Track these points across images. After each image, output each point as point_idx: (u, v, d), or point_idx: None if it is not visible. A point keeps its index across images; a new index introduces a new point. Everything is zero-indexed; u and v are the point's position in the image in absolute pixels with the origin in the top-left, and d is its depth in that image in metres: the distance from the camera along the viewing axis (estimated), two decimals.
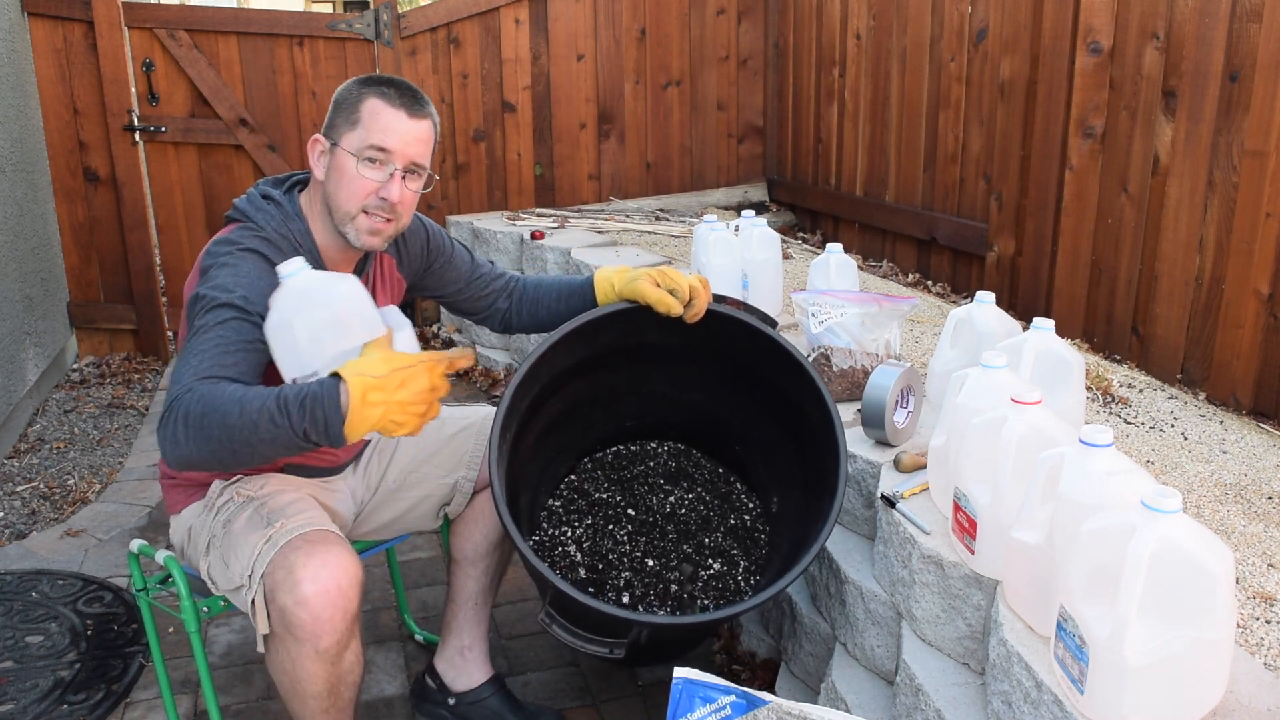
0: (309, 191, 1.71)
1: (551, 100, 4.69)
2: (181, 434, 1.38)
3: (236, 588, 1.59)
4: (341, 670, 1.57)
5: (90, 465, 3.37)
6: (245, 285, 1.53)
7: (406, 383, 1.37)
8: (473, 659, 2.02)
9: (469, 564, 1.98)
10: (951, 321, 1.95)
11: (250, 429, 1.35)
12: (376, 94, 1.63)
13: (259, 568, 1.54)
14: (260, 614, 1.54)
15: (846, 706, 1.69)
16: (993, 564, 1.42)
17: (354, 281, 1.53)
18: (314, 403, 1.34)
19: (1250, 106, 2.28)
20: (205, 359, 1.45)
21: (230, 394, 1.39)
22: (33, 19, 4.06)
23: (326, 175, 1.65)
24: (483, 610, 2.02)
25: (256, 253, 1.58)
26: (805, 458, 1.88)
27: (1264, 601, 1.40)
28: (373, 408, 1.35)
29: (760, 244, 2.65)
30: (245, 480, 1.73)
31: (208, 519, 1.71)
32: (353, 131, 1.62)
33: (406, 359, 1.39)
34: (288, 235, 1.64)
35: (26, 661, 2.26)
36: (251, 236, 1.61)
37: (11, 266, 3.63)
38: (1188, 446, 1.97)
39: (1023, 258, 3.16)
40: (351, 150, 1.61)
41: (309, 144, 1.67)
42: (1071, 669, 1.12)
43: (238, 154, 4.39)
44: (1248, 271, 2.31)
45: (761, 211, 4.84)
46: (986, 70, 3.30)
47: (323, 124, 1.67)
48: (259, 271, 1.55)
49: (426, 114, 1.65)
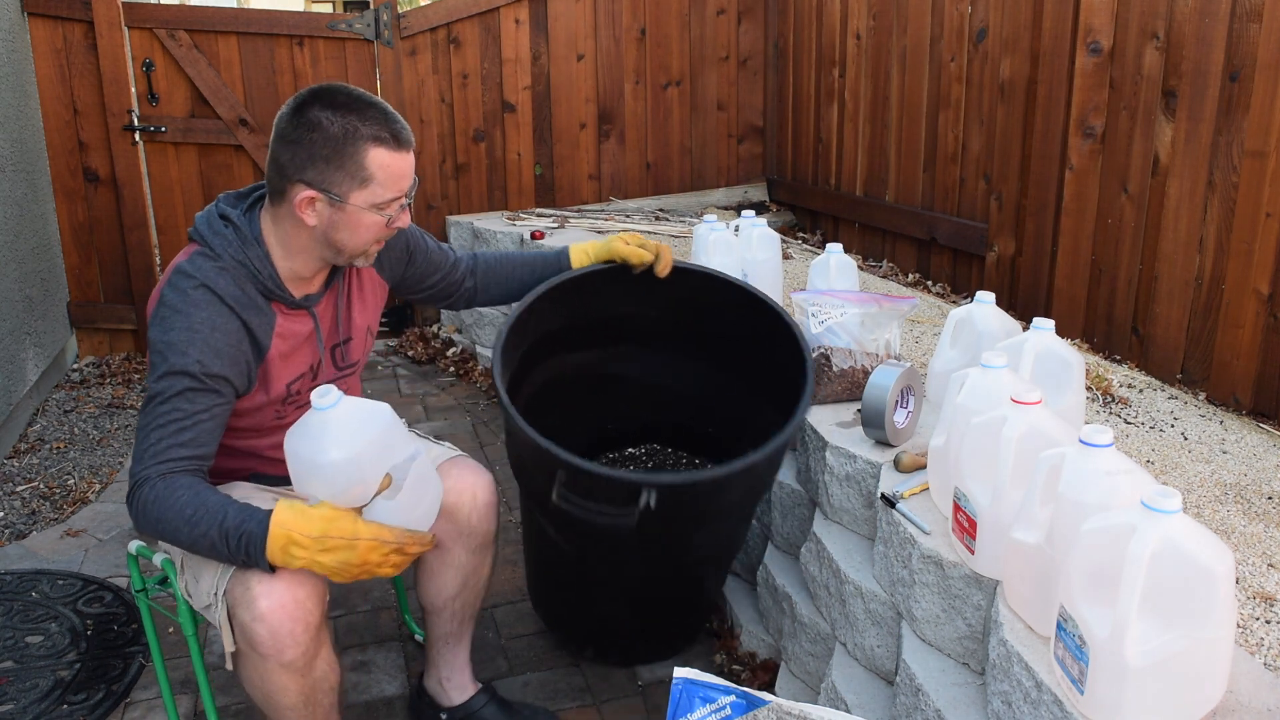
0: (272, 223, 1.64)
1: (551, 100, 4.69)
2: (141, 521, 1.52)
3: (206, 606, 1.59)
4: (315, 679, 1.57)
5: (90, 465, 3.37)
6: (200, 343, 1.53)
7: (332, 550, 1.45)
8: (454, 685, 2.00)
9: (436, 612, 1.95)
10: (951, 321, 1.95)
11: (194, 545, 1.49)
12: (375, 142, 1.56)
13: (221, 585, 1.53)
14: (226, 632, 1.54)
15: (846, 706, 1.69)
16: (993, 564, 1.42)
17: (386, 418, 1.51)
18: (247, 541, 1.45)
19: (1250, 106, 2.28)
20: (164, 436, 1.52)
21: (180, 509, 1.48)
22: (33, 19, 4.06)
23: (329, 225, 1.60)
24: (458, 645, 2.00)
25: (210, 292, 1.56)
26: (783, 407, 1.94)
27: (1264, 601, 1.40)
28: (293, 559, 1.46)
29: (760, 244, 2.65)
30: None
31: None
32: (363, 190, 1.57)
33: (346, 529, 1.45)
34: (245, 262, 1.60)
35: (26, 661, 2.26)
36: (208, 267, 1.57)
37: (11, 266, 3.63)
38: (1188, 446, 1.96)
39: (1023, 258, 3.16)
40: (366, 206, 1.58)
41: (298, 200, 1.56)
42: (1071, 669, 1.12)
43: (238, 154, 4.39)
44: (1248, 271, 2.31)
45: (761, 211, 4.84)
46: (986, 70, 3.30)
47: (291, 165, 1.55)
48: (213, 321, 1.55)
49: (412, 141, 1.63)
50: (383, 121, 1.57)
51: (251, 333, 1.61)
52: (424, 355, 4.41)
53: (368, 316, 1.86)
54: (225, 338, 1.56)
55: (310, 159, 1.55)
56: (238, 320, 1.59)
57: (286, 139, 1.57)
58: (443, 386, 4.08)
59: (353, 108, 1.56)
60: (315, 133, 1.54)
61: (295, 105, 1.57)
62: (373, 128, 1.56)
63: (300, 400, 1.73)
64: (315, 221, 1.59)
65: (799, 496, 2.15)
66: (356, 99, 1.57)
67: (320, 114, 1.54)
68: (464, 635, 2.00)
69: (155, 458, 1.51)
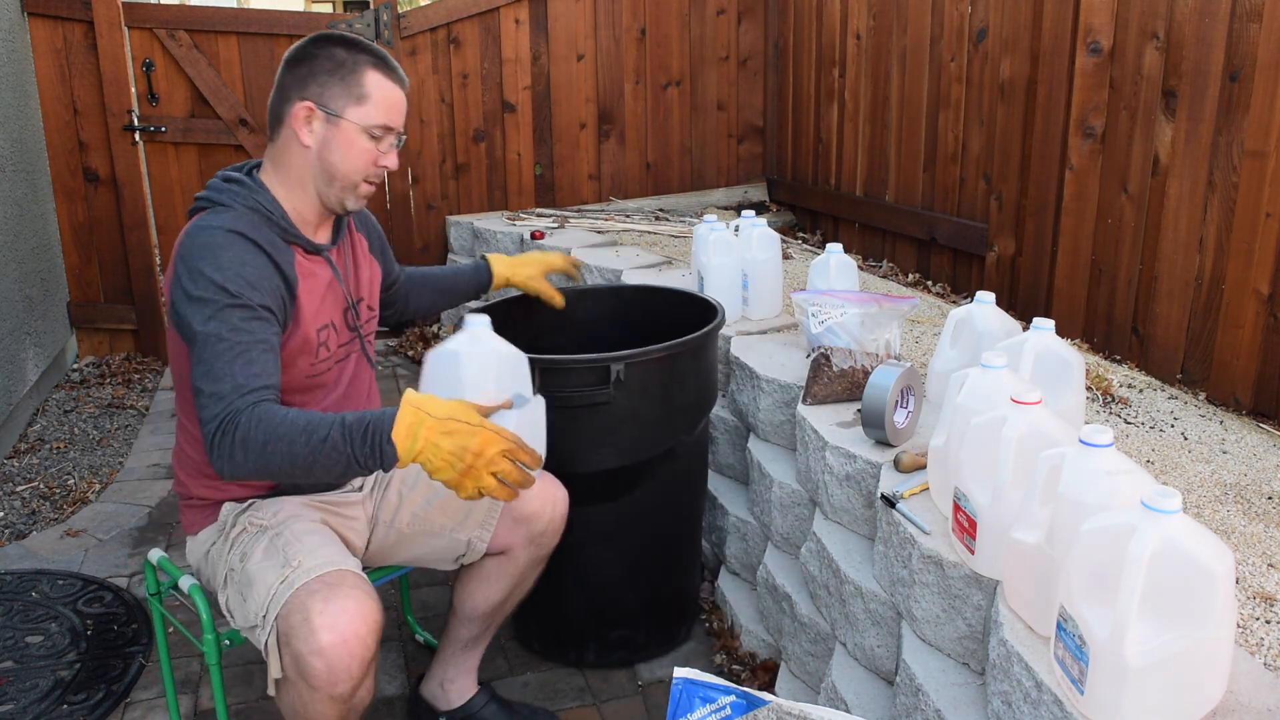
0: (271, 167, 1.70)
1: (551, 100, 4.69)
2: (240, 455, 1.44)
3: (252, 626, 1.56)
4: (354, 704, 1.52)
5: (90, 465, 3.37)
6: (235, 277, 1.52)
7: (453, 433, 1.43)
8: (456, 689, 2.00)
9: (466, 619, 1.94)
10: (951, 321, 1.95)
11: (314, 456, 1.44)
12: (375, 66, 1.65)
13: (274, 609, 1.49)
14: (274, 657, 1.50)
15: (846, 706, 1.69)
16: (993, 564, 1.42)
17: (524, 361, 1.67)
18: (374, 428, 1.43)
19: (1250, 106, 2.28)
20: (238, 368, 1.48)
21: (294, 422, 1.45)
22: (33, 19, 4.06)
23: (323, 144, 1.65)
24: (474, 651, 2.00)
25: (235, 233, 1.57)
26: None
27: (1264, 601, 1.40)
28: (417, 439, 1.43)
29: (760, 244, 2.65)
30: (259, 506, 1.70)
31: (224, 550, 1.67)
32: (359, 107, 1.64)
33: (472, 416, 1.46)
34: (256, 207, 1.63)
35: (26, 661, 2.26)
36: (225, 215, 1.60)
37: (11, 266, 3.63)
38: (1188, 446, 1.96)
39: (1023, 258, 3.16)
40: (360, 125, 1.64)
41: (294, 111, 1.63)
42: (1071, 669, 1.12)
43: (238, 154, 4.39)
44: (1248, 271, 2.31)
45: (761, 211, 4.84)
46: (986, 70, 3.30)
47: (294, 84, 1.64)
48: (242, 257, 1.55)
49: (407, 82, 1.72)
50: (382, 56, 1.68)
51: (278, 266, 1.61)
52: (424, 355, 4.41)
53: (371, 287, 1.89)
54: (257, 271, 1.56)
55: (312, 76, 1.63)
56: (264, 255, 1.58)
57: (292, 63, 1.66)
58: None
59: (355, 41, 1.67)
60: (320, 55, 1.64)
61: (308, 40, 1.67)
62: (371, 56, 1.66)
63: (326, 356, 1.72)
64: (310, 141, 1.64)
65: (799, 496, 2.15)
66: (363, 41, 1.68)
67: (325, 42, 1.66)
68: (484, 642, 2.01)
69: (237, 391, 1.46)
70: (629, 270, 3.38)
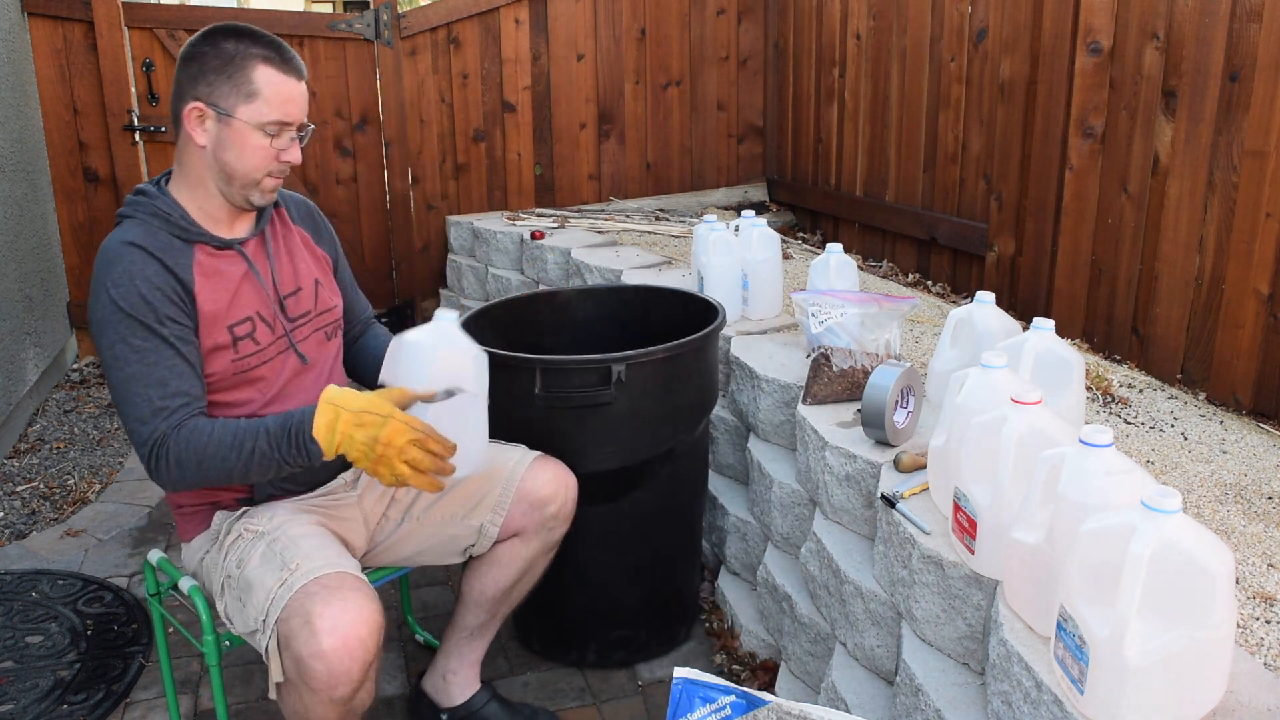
0: (176, 169, 1.68)
1: (551, 100, 4.69)
2: (178, 474, 1.53)
3: (252, 631, 1.56)
4: (353, 706, 1.53)
5: (90, 465, 3.37)
6: (134, 291, 1.54)
7: (365, 425, 1.49)
8: (457, 682, 2.00)
9: (474, 604, 1.95)
10: (951, 321, 1.95)
11: (247, 466, 1.53)
12: (264, 60, 1.60)
13: (274, 613, 1.49)
14: (275, 661, 1.49)
15: (846, 706, 1.69)
16: (993, 564, 1.42)
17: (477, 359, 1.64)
18: (296, 430, 1.51)
19: (1250, 106, 2.28)
20: (153, 392, 1.53)
21: (221, 439, 1.53)
22: (33, 19, 4.06)
23: (216, 144, 1.62)
24: (479, 640, 2.00)
25: (128, 244, 1.57)
26: None
27: (1264, 601, 1.40)
28: (335, 433, 1.50)
29: (760, 244, 2.65)
30: (253, 514, 1.69)
31: (219, 558, 1.67)
32: (249, 104, 1.60)
33: (383, 408, 1.50)
34: (155, 212, 1.62)
35: (26, 661, 2.26)
36: (125, 227, 1.61)
37: (11, 266, 3.63)
38: (1188, 446, 1.96)
39: (1023, 258, 3.16)
40: (252, 123, 1.60)
41: (185, 112, 1.60)
42: (1071, 669, 1.12)
43: None
44: (1248, 271, 2.31)
45: (761, 211, 4.83)
46: (986, 70, 3.30)
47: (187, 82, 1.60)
48: (130, 270, 1.55)
49: (303, 72, 1.67)
50: (274, 46, 1.62)
51: (170, 270, 1.59)
52: None
53: (315, 271, 1.82)
54: (148, 280, 1.56)
55: (202, 73, 1.59)
56: (155, 261, 1.58)
57: (184, 60, 1.61)
58: None
59: (248, 35, 1.61)
60: (209, 52, 1.60)
61: (199, 35, 1.62)
62: (262, 49, 1.61)
63: (254, 350, 1.67)
64: (205, 141, 1.62)
65: (799, 496, 2.15)
66: (255, 31, 1.63)
67: (215, 37, 1.61)
68: (490, 632, 2.00)
69: (157, 415, 1.52)
70: (629, 270, 3.38)
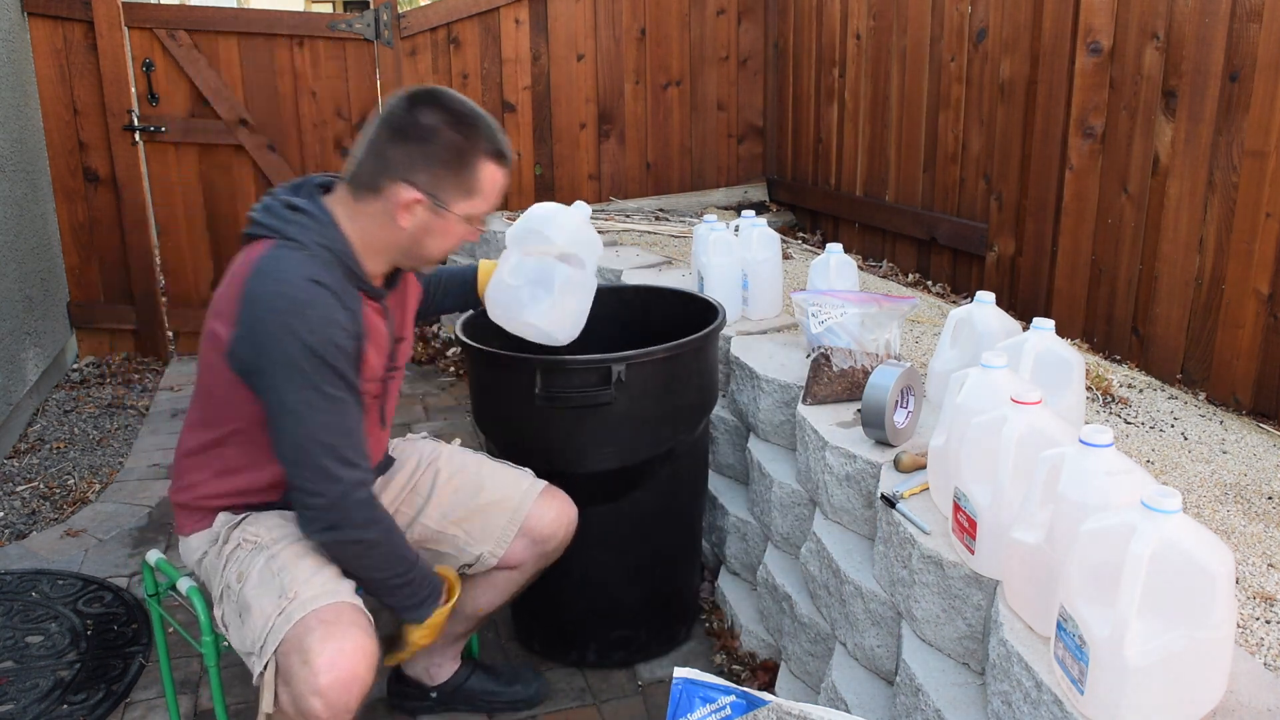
0: (345, 213, 1.59)
1: (551, 100, 4.69)
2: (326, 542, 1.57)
3: (247, 653, 1.55)
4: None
5: (90, 465, 3.37)
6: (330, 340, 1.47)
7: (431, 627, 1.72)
8: (440, 666, 2.05)
9: (463, 617, 1.96)
10: (951, 321, 1.95)
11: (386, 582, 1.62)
12: (489, 156, 1.57)
13: (270, 643, 1.48)
14: (268, 692, 1.49)
15: (846, 706, 1.69)
16: (993, 564, 1.42)
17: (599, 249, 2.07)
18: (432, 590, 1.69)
19: (1250, 106, 2.28)
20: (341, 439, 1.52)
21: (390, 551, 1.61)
22: (33, 19, 4.06)
23: (422, 230, 1.58)
24: (460, 643, 2.06)
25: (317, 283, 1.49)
26: None
27: (1264, 601, 1.40)
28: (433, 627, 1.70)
29: (760, 244, 2.65)
30: (254, 521, 1.66)
31: (218, 564, 1.65)
32: (468, 200, 1.58)
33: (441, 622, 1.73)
34: (329, 245, 1.54)
35: (26, 661, 2.26)
36: (299, 257, 1.51)
37: (11, 266, 3.63)
38: (1188, 446, 1.96)
39: (1023, 258, 3.16)
40: (463, 215, 1.59)
41: (399, 196, 1.53)
42: (1071, 669, 1.12)
43: (238, 154, 4.39)
44: (1248, 271, 2.31)
45: (761, 211, 4.83)
46: (986, 70, 3.30)
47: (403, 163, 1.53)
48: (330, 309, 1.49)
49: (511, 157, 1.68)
50: (496, 138, 1.59)
51: (355, 320, 1.55)
52: (424, 355, 4.42)
53: (410, 320, 1.86)
54: (342, 330, 1.50)
55: (425, 162, 1.54)
56: (343, 309, 1.52)
57: (403, 136, 1.54)
58: (443, 387, 4.08)
59: (470, 119, 1.56)
60: (435, 138, 1.53)
61: (410, 103, 1.55)
62: (489, 143, 1.57)
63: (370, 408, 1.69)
64: (410, 225, 1.57)
65: (799, 496, 2.15)
66: (473, 110, 1.58)
67: (439, 119, 1.54)
68: (464, 639, 2.06)
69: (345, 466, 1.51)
70: (629, 270, 3.38)
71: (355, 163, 1.58)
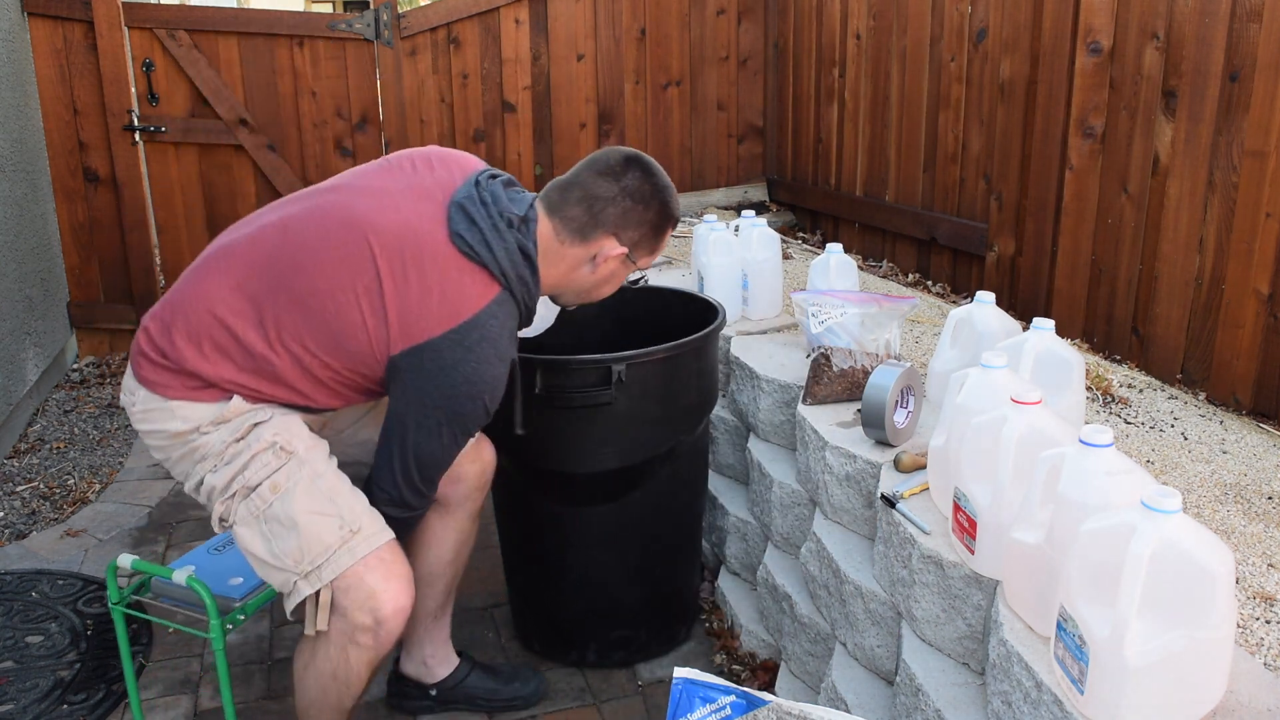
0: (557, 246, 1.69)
1: (551, 100, 4.69)
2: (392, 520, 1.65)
3: (297, 574, 1.56)
4: None
5: (90, 465, 3.37)
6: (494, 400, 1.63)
7: None
8: (438, 661, 2.08)
9: (430, 581, 1.98)
10: (951, 321, 1.95)
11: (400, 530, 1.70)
12: (673, 226, 1.78)
13: (329, 571, 1.56)
14: (323, 611, 1.57)
15: (846, 706, 1.69)
16: (993, 564, 1.42)
17: None
18: None
19: (1250, 106, 2.28)
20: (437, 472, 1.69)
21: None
22: (33, 19, 4.06)
23: (608, 276, 1.75)
24: (443, 618, 2.07)
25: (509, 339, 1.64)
26: None
27: (1264, 601, 1.40)
28: None
29: (760, 244, 2.65)
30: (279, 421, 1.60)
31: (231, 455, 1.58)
32: (648, 256, 1.77)
33: None
34: (528, 303, 1.68)
35: (26, 661, 2.26)
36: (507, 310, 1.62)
37: (11, 266, 3.63)
38: (1188, 446, 1.96)
39: (1023, 258, 3.16)
40: (637, 264, 1.77)
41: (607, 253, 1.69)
42: (1071, 669, 1.12)
43: (238, 154, 4.39)
44: (1248, 271, 2.31)
45: (761, 211, 4.83)
46: (986, 70, 3.30)
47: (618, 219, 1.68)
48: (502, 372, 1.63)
49: None
50: (677, 207, 1.77)
51: None
52: None
53: None
54: (498, 397, 1.65)
55: (637, 223, 1.70)
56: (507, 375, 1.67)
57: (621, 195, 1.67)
58: None
59: (670, 191, 1.75)
60: (650, 203, 1.70)
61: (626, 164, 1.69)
62: (676, 214, 1.77)
63: None
64: (603, 272, 1.74)
65: (799, 496, 2.15)
66: (667, 182, 1.75)
67: (650, 184, 1.70)
68: (449, 607, 2.07)
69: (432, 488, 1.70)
70: None
71: (559, 204, 1.68)
